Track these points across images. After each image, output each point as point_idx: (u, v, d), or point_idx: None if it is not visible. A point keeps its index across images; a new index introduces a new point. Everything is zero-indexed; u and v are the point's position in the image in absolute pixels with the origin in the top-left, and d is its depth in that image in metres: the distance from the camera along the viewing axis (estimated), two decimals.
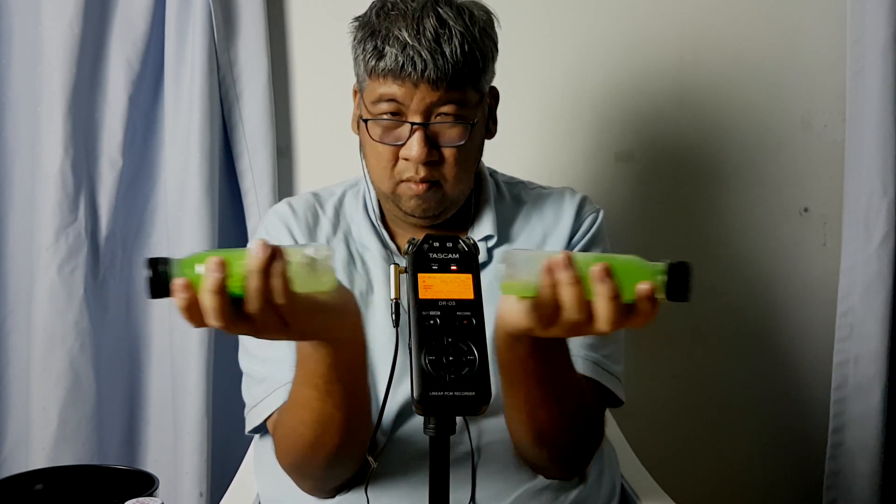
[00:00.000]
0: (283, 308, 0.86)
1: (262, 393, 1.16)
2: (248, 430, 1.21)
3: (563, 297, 0.87)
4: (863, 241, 1.75)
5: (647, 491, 1.36)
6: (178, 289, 0.84)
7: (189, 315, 0.85)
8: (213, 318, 0.84)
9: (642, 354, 1.83)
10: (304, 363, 1.01)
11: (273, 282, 0.85)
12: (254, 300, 0.85)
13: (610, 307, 0.86)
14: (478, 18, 1.17)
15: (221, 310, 0.84)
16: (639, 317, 0.88)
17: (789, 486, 1.90)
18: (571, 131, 1.80)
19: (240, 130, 1.71)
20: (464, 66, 1.14)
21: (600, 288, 0.86)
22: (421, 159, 1.16)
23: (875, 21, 1.71)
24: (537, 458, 1.15)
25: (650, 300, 0.87)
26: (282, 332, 0.89)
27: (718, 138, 1.81)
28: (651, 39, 1.79)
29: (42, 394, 1.66)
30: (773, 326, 1.86)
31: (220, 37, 1.67)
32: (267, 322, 0.87)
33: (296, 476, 1.15)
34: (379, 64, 1.14)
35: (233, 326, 0.86)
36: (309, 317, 0.90)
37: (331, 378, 1.00)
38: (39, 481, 1.16)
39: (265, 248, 0.84)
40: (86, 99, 1.68)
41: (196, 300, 0.84)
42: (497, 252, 1.25)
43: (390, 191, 1.20)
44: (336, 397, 1.01)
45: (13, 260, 1.74)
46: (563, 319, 0.89)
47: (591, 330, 0.89)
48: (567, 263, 0.87)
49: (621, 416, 1.55)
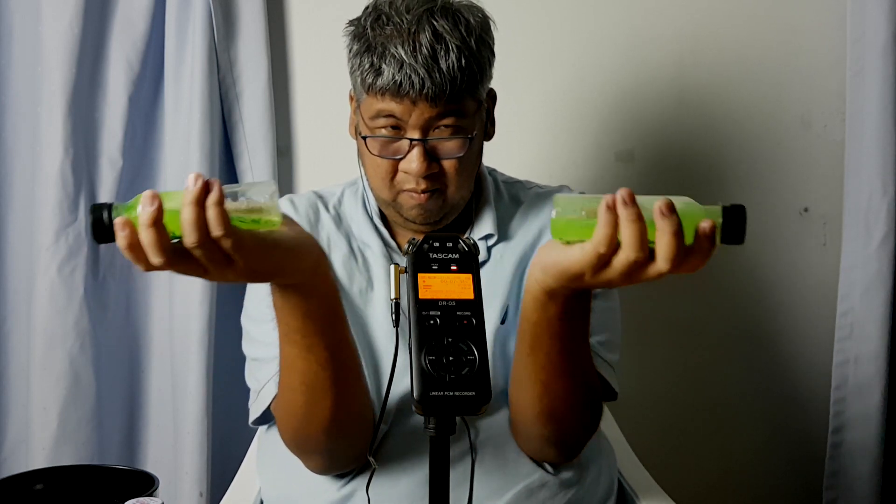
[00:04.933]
0: (222, 241, 0.85)
1: (268, 374, 1.16)
2: (254, 418, 1.20)
3: (625, 234, 0.85)
4: (863, 241, 1.75)
5: (646, 490, 1.36)
6: (118, 227, 0.84)
7: (133, 255, 0.85)
8: (153, 255, 0.84)
9: (642, 353, 1.83)
10: (279, 317, 1.00)
11: (209, 213, 0.84)
12: (190, 233, 0.84)
13: (672, 243, 0.84)
14: (473, 27, 1.16)
15: (159, 244, 0.83)
16: (696, 257, 0.86)
17: (789, 486, 1.90)
18: (571, 131, 1.80)
19: (240, 130, 1.71)
20: (461, 80, 1.13)
21: (663, 223, 0.84)
22: (421, 174, 1.16)
23: (875, 21, 1.71)
24: (538, 437, 1.14)
25: (709, 239, 0.86)
26: (228, 270, 0.88)
27: (718, 138, 1.82)
28: (651, 39, 1.79)
29: (42, 394, 1.66)
30: (773, 326, 1.86)
31: (220, 37, 1.67)
32: (210, 257, 0.86)
33: (301, 454, 1.14)
34: (376, 82, 1.13)
35: (176, 265, 0.86)
36: (255, 253, 0.88)
37: (307, 331, 0.99)
38: (39, 481, 1.16)
39: (198, 179, 0.84)
40: (86, 99, 1.68)
41: (137, 240, 0.84)
42: (496, 250, 1.25)
43: (391, 199, 1.20)
44: (318, 353, 1.01)
45: (13, 260, 1.74)
46: (621, 260, 0.87)
47: (647, 272, 0.87)
48: (630, 200, 0.85)
49: (620, 414, 1.55)
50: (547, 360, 1.04)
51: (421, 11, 1.14)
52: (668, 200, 0.85)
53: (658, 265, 0.86)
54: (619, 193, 0.85)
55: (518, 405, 1.12)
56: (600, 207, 0.86)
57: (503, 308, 1.21)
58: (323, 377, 1.03)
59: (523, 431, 1.15)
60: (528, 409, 1.10)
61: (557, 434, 1.13)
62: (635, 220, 0.85)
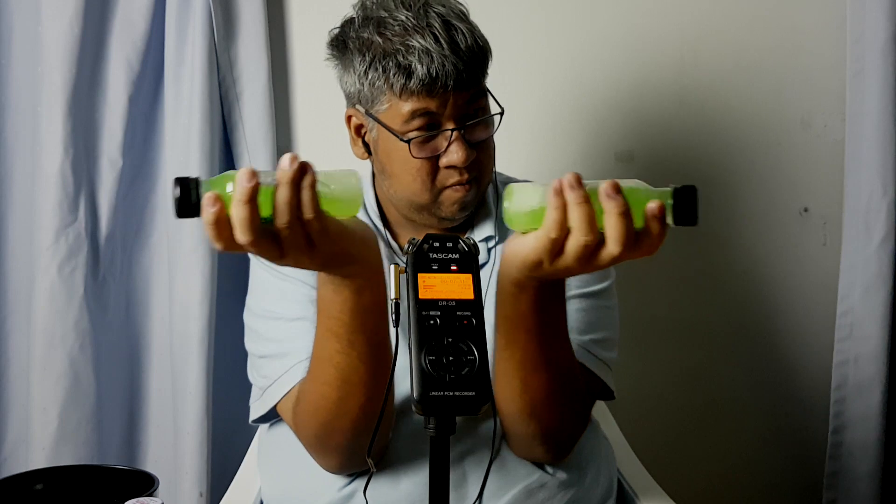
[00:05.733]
0: (311, 224, 0.86)
1: (283, 367, 1.15)
2: (257, 416, 1.19)
3: (573, 217, 0.86)
4: (863, 241, 1.76)
5: (646, 490, 1.36)
6: (207, 202, 0.83)
7: (217, 232, 0.84)
8: (241, 233, 0.84)
9: (642, 352, 1.83)
10: (326, 311, 1.00)
11: (303, 194, 0.85)
12: (283, 213, 0.84)
13: (621, 223, 0.85)
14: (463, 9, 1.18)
15: (251, 222, 0.83)
16: (648, 240, 0.87)
17: (789, 486, 1.90)
18: (571, 131, 1.80)
19: (240, 130, 1.71)
20: (480, 59, 1.16)
21: (609, 205, 0.85)
22: (466, 163, 1.16)
23: (875, 21, 1.71)
24: (525, 433, 1.13)
25: (660, 221, 0.86)
26: (307, 254, 0.88)
27: (718, 138, 1.82)
28: (651, 39, 1.79)
29: (42, 394, 1.66)
30: (773, 326, 1.86)
31: (220, 37, 1.67)
32: (294, 240, 0.86)
33: (321, 449, 1.13)
34: (410, 81, 1.12)
35: (260, 244, 0.86)
36: (336, 239, 0.89)
37: (353, 326, 0.99)
38: (39, 481, 1.16)
39: (295, 161, 0.85)
40: (86, 99, 1.68)
41: (225, 216, 0.84)
42: (496, 251, 1.25)
43: (430, 201, 1.19)
44: (359, 348, 1.01)
45: (13, 260, 1.74)
46: (572, 244, 0.87)
47: (602, 257, 0.88)
48: (576, 183, 0.85)
49: (620, 414, 1.55)
50: (523, 355, 1.03)
51: (419, 5, 1.15)
52: (615, 182, 0.85)
53: (609, 248, 0.87)
54: (566, 177, 0.86)
55: (501, 404, 1.12)
56: (548, 192, 0.86)
57: None
58: (361, 371, 1.02)
59: (511, 431, 1.15)
60: (510, 407, 1.09)
61: (543, 430, 1.12)
62: (582, 203, 0.85)
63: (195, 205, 0.84)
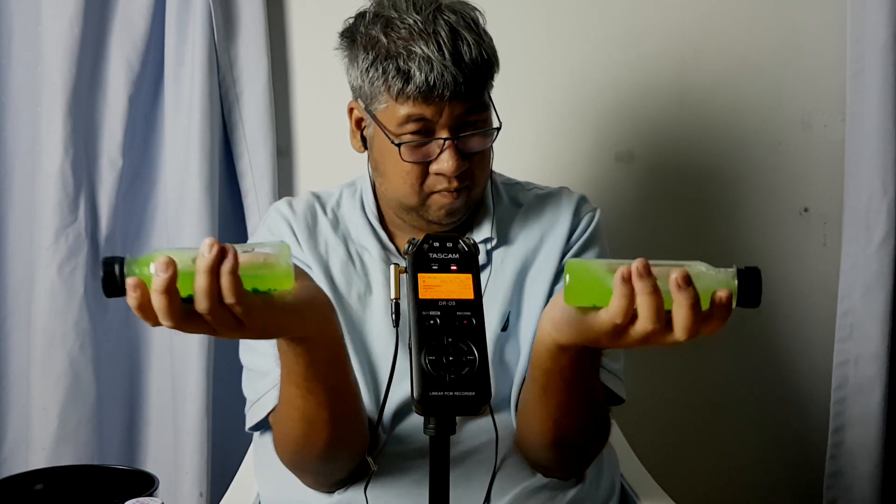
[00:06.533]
0: (234, 308, 0.84)
1: (266, 387, 1.16)
2: (250, 426, 1.20)
3: (641, 306, 0.85)
4: (863, 241, 1.75)
5: (647, 491, 1.36)
6: (129, 288, 0.83)
7: (143, 314, 0.84)
8: (163, 319, 0.83)
9: (642, 354, 1.82)
10: (283, 361, 1.00)
11: (222, 281, 0.83)
12: (202, 300, 0.83)
13: (689, 315, 0.84)
14: (476, 18, 1.17)
15: (171, 310, 0.82)
16: (713, 324, 0.86)
17: (789, 486, 1.90)
18: (571, 131, 1.80)
19: (240, 130, 1.71)
20: (483, 72, 1.14)
21: (680, 296, 0.84)
22: (456, 173, 1.15)
23: (875, 21, 1.71)
24: (546, 461, 1.15)
25: (726, 308, 0.86)
26: (238, 332, 0.87)
27: (718, 138, 1.81)
28: (651, 39, 1.79)
29: (42, 394, 1.66)
30: (773, 326, 1.86)
31: (220, 37, 1.67)
32: (220, 322, 0.85)
33: (295, 470, 1.15)
34: (406, 87, 1.12)
35: (186, 326, 0.85)
36: (265, 316, 0.88)
37: (309, 376, 1.00)
38: (39, 481, 1.16)
39: (213, 247, 0.82)
40: (86, 99, 1.68)
41: (148, 300, 0.83)
42: (496, 254, 1.25)
43: (418, 204, 1.19)
44: (318, 396, 1.01)
45: (13, 260, 1.74)
46: (638, 330, 0.87)
47: (664, 339, 0.87)
48: (645, 271, 0.84)
49: (621, 415, 1.55)
50: (559, 401, 1.05)
51: (431, 10, 1.14)
52: (685, 272, 0.84)
53: (675, 335, 0.86)
54: (635, 265, 0.84)
55: (527, 437, 1.13)
56: (616, 279, 0.85)
57: (504, 314, 1.21)
58: (322, 415, 1.03)
59: (532, 456, 1.16)
60: (537, 440, 1.12)
61: (566, 459, 1.15)
62: (651, 293, 0.84)
63: (121, 286, 0.84)
